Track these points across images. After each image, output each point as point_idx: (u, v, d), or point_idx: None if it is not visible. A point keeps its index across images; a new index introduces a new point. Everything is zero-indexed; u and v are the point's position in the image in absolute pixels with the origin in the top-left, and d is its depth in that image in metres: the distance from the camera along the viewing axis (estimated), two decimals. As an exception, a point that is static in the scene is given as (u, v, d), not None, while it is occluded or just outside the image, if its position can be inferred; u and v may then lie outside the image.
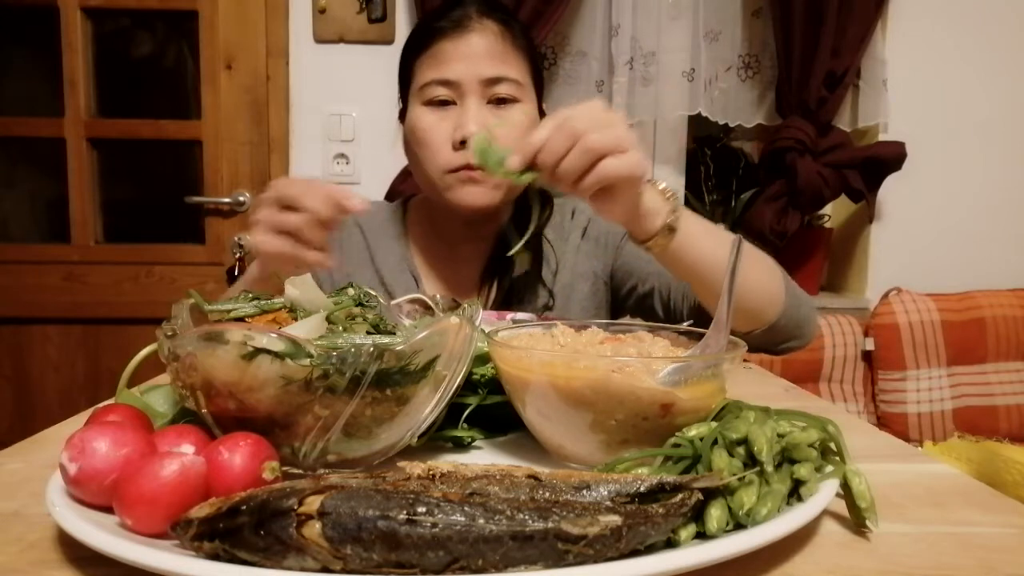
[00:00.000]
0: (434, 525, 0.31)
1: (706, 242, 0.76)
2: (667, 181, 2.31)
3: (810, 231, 1.97)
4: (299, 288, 0.54)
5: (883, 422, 1.83)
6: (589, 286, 1.05)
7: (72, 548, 0.38)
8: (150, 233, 2.01)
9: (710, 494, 0.37)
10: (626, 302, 1.04)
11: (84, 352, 1.96)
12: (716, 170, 2.12)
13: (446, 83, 0.92)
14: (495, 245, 1.04)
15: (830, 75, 1.82)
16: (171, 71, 2.04)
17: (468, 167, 0.90)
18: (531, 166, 0.65)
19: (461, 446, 0.55)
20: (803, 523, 0.38)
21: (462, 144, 0.90)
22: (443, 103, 0.93)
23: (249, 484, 0.38)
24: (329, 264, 0.72)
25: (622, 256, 1.04)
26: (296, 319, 0.51)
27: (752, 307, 0.79)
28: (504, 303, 1.02)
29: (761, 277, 0.82)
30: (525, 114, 0.95)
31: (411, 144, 0.97)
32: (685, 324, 0.82)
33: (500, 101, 0.93)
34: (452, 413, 0.54)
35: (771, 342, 0.86)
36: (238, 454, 0.39)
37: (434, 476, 0.37)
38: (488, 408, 0.56)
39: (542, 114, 1.00)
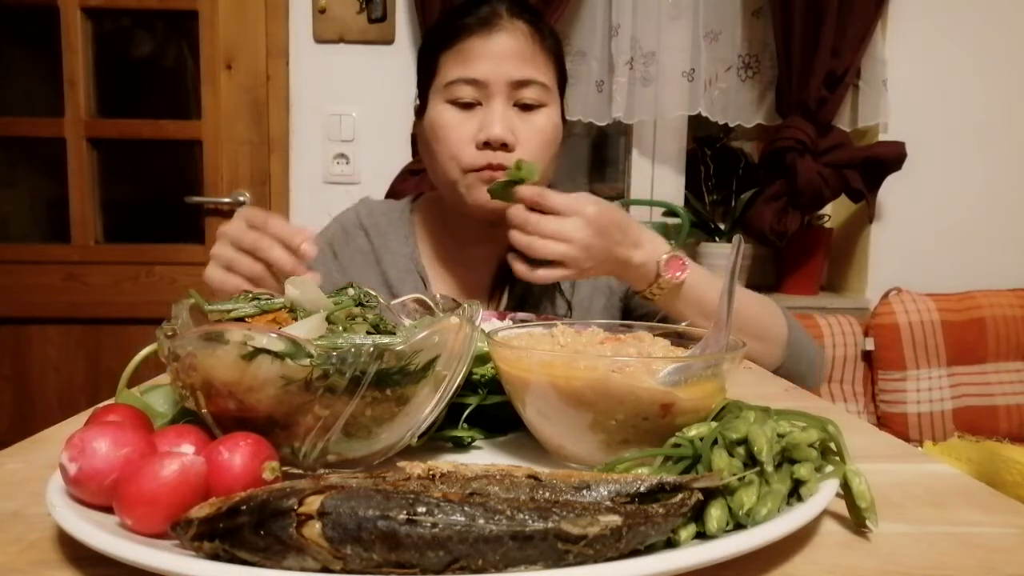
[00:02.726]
0: (434, 525, 0.31)
1: (707, 291, 0.85)
2: (667, 181, 2.29)
3: (810, 231, 1.97)
4: (299, 288, 0.54)
5: (883, 422, 1.83)
6: (604, 300, 1.04)
7: (72, 548, 0.38)
8: (150, 233, 2.01)
9: (710, 494, 0.37)
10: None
11: (84, 352, 1.96)
12: (716, 170, 2.12)
13: (473, 82, 0.90)
14: (508, 249, 1.04)
15: (830, 75, 1.83)
16: (171, 71, 2.04)
17: (490, 167, 0.89)
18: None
19: (461, 446, 0.55)
20: (803, 523, 0.38)
21: (486, 145, 0.89)
22: (469, 105, 0.91)
23: (249, 484, 0.38)
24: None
25: None
26: (296, 319, 0.51)
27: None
28: (516, 310, 1.01)
29: (749, 335, 0.86)
30: (549, 119, 0.93)
31: (430, 141, 0.95)
32: (684, 324, 0.82)
33: (526, 106, 0.92)
34: (452, 413, 0.54)
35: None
36: (238, 454, 0.39)
37: (434, 476, 0.37)
38: (488, 408, 0.56)
39: (564, 119, 0.99)
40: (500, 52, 0.90)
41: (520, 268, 0.84)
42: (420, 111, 0.99)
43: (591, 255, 0.81)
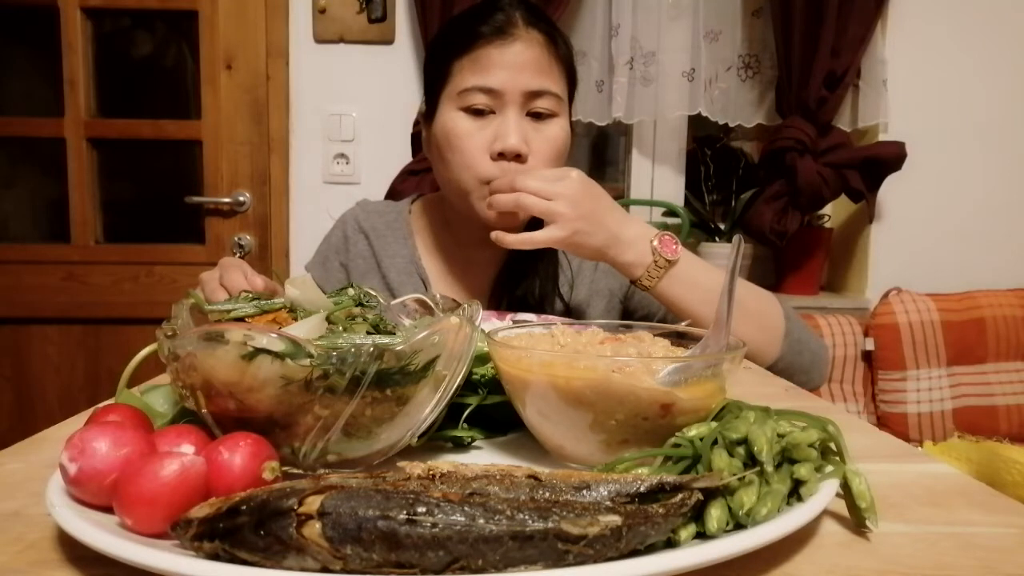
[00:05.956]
0: (434, 525, 0.31)
1: (702, 271, 0.84)
2: (667, 181, 2.29)
3: (810, 231, 1.97)
4: (299, 288, 0.54)
5: (883, 422, 1.83)
6: (605, 304, 1.04)
7: (72, 548, 0.38)
8: (150, 233, 2.01)
9: (710, 494, 0.37)
10: None
11: (84, 352, 1.96)
12: (716, 170, 2.12)
13: (488, 91, 0.89)
14: (510, 252, 1.03)
15: (830, 75, 1.83)
16: (171, 71, 2.04)
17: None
18: None
19: (461, 446, 0.55)
20: (803, 523, 0.38)
21: (500, 156, 0.89)
22: (481, 112, 0.91)
23: (249, 484, 0.38)
24: None
25: None
26: (296, 319, 0.51)
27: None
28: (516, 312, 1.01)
29: (750, 325, 0.85)
30: (562, 129, 0.93)
31: (442, 148, 0.94)
32: (684, 324, 0.82)
33: (538, 116, 0.91)
34: (452, 413, 0.54)
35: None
36: (238, 454, 0.39)
37: (434, 476, 0.37)
38: (488, 408, 0.56)
39: (571, 128, 0.99)
40: (516, 62, 0.89)
41: (507, 236, 0.84)
42: (428, 115, 0.98)
43: (580, 212, 0.81)
